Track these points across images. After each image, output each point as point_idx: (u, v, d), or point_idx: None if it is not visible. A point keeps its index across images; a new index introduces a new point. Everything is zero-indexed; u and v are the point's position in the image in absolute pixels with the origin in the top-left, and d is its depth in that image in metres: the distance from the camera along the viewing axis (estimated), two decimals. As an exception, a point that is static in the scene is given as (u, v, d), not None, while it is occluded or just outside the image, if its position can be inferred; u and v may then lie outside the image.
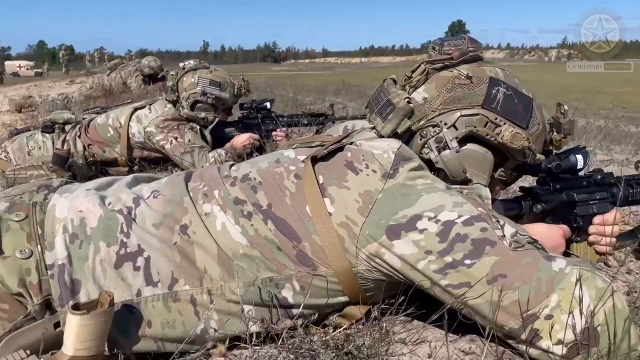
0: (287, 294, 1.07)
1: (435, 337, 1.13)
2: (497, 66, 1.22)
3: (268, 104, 3.00)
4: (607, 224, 1.38)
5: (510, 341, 0.99)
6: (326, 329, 1.13)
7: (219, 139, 2.88)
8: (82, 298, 0.98)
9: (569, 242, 1.38)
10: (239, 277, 1.04)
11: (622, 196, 1.41)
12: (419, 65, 1.22)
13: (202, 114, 2.73)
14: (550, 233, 1.30)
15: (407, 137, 1.20)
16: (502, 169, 1.25)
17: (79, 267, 1.02)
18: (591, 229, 1.38)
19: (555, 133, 1.30)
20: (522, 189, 1.40)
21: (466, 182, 1.18)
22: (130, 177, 1.27)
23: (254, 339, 1.03)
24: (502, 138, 1.15)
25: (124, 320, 0.99)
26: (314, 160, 1.14)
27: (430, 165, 1.18)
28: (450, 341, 1.09)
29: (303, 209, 1.08)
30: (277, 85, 12.04)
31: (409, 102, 1.17)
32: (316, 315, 1.11)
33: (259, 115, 2.96)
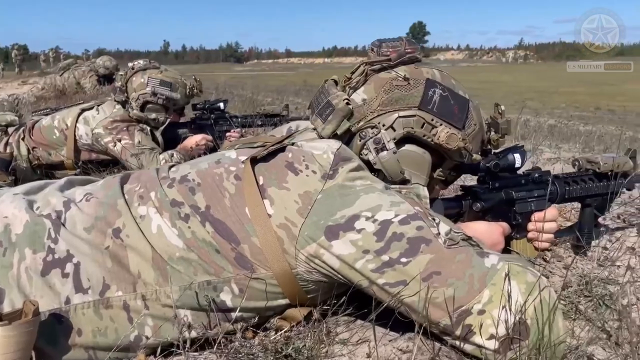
0: (226, 298, 1.06)
1: (378, 337, 1.13)
2: (434, 68, 1.24)
3: (221, 105, 2.96)
4: (544, 221, 1.43)
5: (446, 337, 1.01)
6: (267, 332, 1.12)
7: (171, 140, 2.83)
8: (6, 308, 0.94)
9: (509, 239, 1.42)
10: (171, 281, 1.02)
11: (559, 193, 1.46)
12: (359, 67, 1.23)
13: (153, 115, 2.67)
14: (489, 230, 1.33)
15: (347, 138, 1.21)
16: (441, 169, 1.27)
17: (3, 275, 0.97)
18: (530, 225, 1.42)
19: (493, 133, 1.33)
20: (462, 187, 1.43)
21: (405, 182, 1.19)
22: (63, 180, 1.23)
23: (187, 345, 1.01)
24: (438, 139, 1.17)
25: (52, 330, 0.96)
26: (255, 161, 1.13)
27: (370, 165, 1.18)
28: (390, 340, 1.10)
29: (242, 210, 1.07)
30: (239, 86, 11.95)
31: (347, 104, 1.17)
32: (256, 318, 1.10)
33: (212, 116, 2.92)
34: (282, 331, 1.10)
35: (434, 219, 1.05)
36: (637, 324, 1.10)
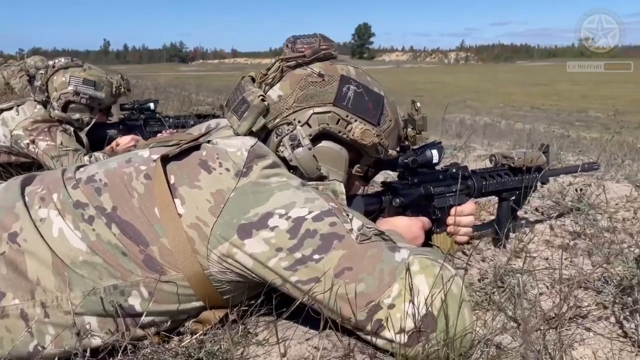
0: (134, 302, 1.01)
1: (297, 336, 1.12)
2: (349, 64, 1.24)
3: (152, 105, 2.87)
4: (462, 215, 1.46)
5: (359, 333, 1.01)
6: (181, 336, 1.09)
7: (99, 141, 2.72)
8: None
9: (429, 233, 1.44)
10: (73, 286, 0.97)
11: (476, 188, 1.50)
12: (274, 63, 1.21)
13: (76, 115, 2.55)
14: (409, 225, 1.35)
15: (264, 135, 1.19)
16: (359, 165, 1.27)
17: None
18: (449, 220, 1.45)
19: (410, 129, 1.34)
20: (382, 183, 1.45)
21: (322, 178, 1.19)
22: None
23: (87, 354, 0.96)
24: (353, 135, 1.18)
25: None
26: (167, 159, 1.09)
27: (287, 162, 1.17)
28: (307, 339, 1.09)
29: (151, 210, 1.03)
30: (181, 86, 11.70)
31: (263, 100, 1.15)
32: (169, 322, 1.07)
33: (142, 116, 2.83)
34: (196, 335, 1.07)
35: (347, 215, 1.05)
36: (545, 312, 1.14)
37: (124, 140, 2.67)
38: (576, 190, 1.90)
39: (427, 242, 1.44)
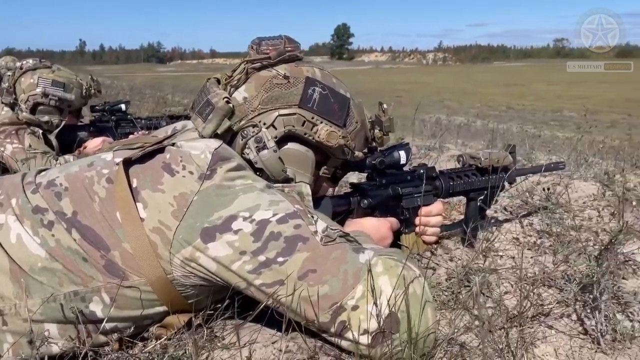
0: (96, 308, 1.00)
1: (263, 339, 1.12)
2: (315, 66, 1.24)
3: (123, 106, 2.83)
4: (431, 215, 1.48)
5: (323, 335, 1.01)
6: (145, 341, 1.08)
7: (69, 144, 2.67)
8: None
9: (398, 233, 1.45)
10: (31, 293, 0.95)
11: (444, 188, 1.52)
12: (240, 65, 1.21)
13: (45, 118, 2.50)
14: (378, 226, 1.36)
15: (229, 137, 1.18)
16: (326, 166, 1.27)
17: None
18: (417, 220, 1.47)
19: (377, 130, 1.35)
20: (351, 185, 1.45)
21: (288, 180, 1.18)
22: None
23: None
24: (318, 136, 1.18)
25: None
26: (130, 162, 1.08)
27: (253, 165, 1.17)
28: (273, 342, 1.09)
29: (113, 215, 1.02)
30: (157, 86, 11.57)
31: (228, 102, 1.15)
32: (132, 328, 1.05)
33: (113, 117, 2.79)
34: (160, 340, 1.06)
35: (312, 217, 1.05)
36: (509, 311, 1.16)
37: (94, 143, 2.64)
38: (543, 189, 1.93)
39: (395, 243, 1.45)
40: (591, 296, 1.09)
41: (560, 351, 1.03)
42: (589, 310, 1.10)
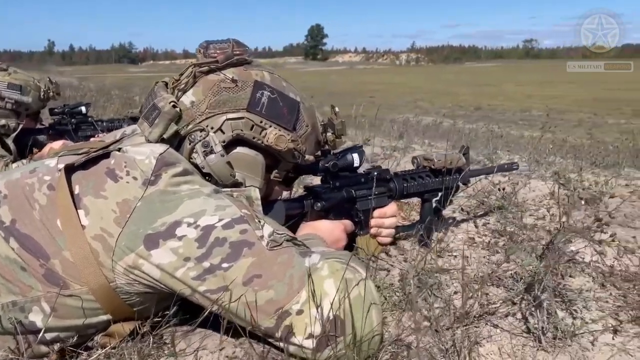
0: (36, 318, 0.98)
1: (213, 345, 1.11)
2: (265, 70, 1.23)
3: (83, 108, 2.78)
4: (385, 217, 1.49)
5: (270, 340, 1.01)
6: (90, 351, 1.06)
7: (27, 148, 2.61)
8: None
9: (353, 235, 1.46)
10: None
11: (398, 190, 1.53)
12: (187, 68, 1.20)
13: (2, 121, 2.43)
14: (331, 228, 1.36)
15: (177, 142, 1.17)
16: (276, 170, 1.27)
17: None
18: (372, 222, 1.48)
19: (330, 133, 1.36)
20: (305, 188, 1.45)
21: (238, 185, 1.18)
22: None
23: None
24: (267, 140, 1.17)
25: None
26: (73, 168, 1.06)
27: (201, 169, 1.16)
28: (221, 348, 1.08)
29: (54, 222, 1.00)
30: (127, 87, 11.40)
31: (174, 106, 1.14)
32: (75, 337, 1.03)
33: (73, 120, 2.73)
34: (105, 349, 1.04)
35: (259, 221, 1.04)
36: (457, 310, 1.17)
37: (54, 146, 2.58)
38: (499, 189, 1.96)
39: (350, 245, 1.46)
40: (534, 295, 1.11)
41: (503, 350, 1.05)
42: (533, 309, 1.12)
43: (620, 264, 1.44)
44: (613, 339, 1.07)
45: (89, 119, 2.79)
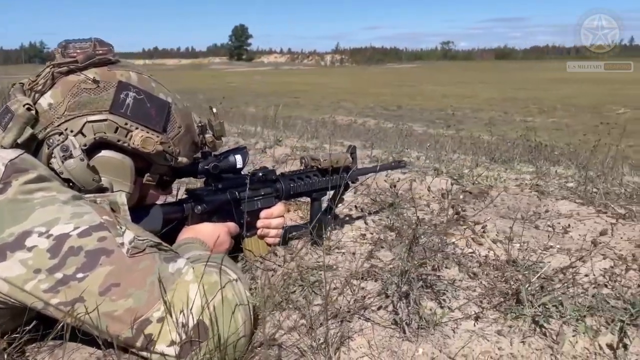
0: None
1: (82, 358, 1.06)
2: (132, 70, 1.19)
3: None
4: (272, 217, 1.49)
5: (132, 350, 0.97)
6: None
7: None
8: None
9: (239, 237, 1.44)
10: None
11: (284, 190, 1.53)
12: (45, 69, 1.13)
13: None
14: (214, 231, 1.34)
15: (34, 146, 1.10)
16: (149, 173, 1.23)
17: None
18: (258, 223, 1.47)
19: (208, 135, 1.33)
20: (186, 191, 1.42)
21: (103, 190, 1.13)
22: None
23: None
24: (133, 143, 1.13)
25: None
26: None
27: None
28: (89, 360, 1.03)
29: None
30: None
31: (29, 109, 1.07)
32: None
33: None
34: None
35: (120, 228, 1.00)
36: (335, 307, 1.19)
37: None
38: (390, 186, 2.02)
39: (237, 247, 1.44)
40: (402, 287, 1.15)
41: (372, 342, 1.08)
42: (401, 300, 1.16)
43: (494, 254, 1.53)
44: (474, 325, 1.13)
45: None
